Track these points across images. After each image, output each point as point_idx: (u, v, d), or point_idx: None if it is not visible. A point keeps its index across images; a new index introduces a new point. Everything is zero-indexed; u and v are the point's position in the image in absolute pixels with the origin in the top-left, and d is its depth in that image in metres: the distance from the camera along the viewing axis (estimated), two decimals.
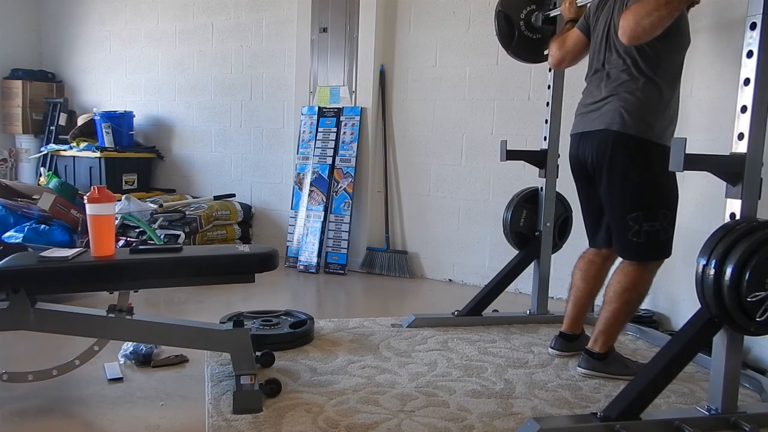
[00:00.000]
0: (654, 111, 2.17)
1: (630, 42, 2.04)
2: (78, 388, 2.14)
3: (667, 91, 2.19)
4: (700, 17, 2.88)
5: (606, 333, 2.34)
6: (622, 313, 2.31)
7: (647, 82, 2.17)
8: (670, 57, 2.19)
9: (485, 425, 1.91)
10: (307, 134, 4.37)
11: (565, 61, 2.55)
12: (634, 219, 2.21)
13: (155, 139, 5.28)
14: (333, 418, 1.93)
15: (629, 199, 2.22)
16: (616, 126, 2.19)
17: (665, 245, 2.26)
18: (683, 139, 1.73)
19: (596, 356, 2.35)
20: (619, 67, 2.22)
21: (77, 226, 3.97)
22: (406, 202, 4.24)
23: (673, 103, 2.23)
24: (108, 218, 2.06)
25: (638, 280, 2.27)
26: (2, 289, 1.96)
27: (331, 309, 3.58)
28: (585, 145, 2.33)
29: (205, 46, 4.93)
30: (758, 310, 1.72)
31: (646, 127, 2.17)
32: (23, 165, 5.85)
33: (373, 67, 4.14)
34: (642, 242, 2.22)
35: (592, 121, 2.29)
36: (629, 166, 2.21)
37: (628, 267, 2.29)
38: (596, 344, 2.36)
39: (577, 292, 2.58)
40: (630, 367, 2.35)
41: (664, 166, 2.19)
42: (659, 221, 2.21)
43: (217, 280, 2.22)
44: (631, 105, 2.17)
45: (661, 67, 2.17)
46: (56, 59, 5.90)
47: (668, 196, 2.25)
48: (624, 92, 2.19)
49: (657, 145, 2.18)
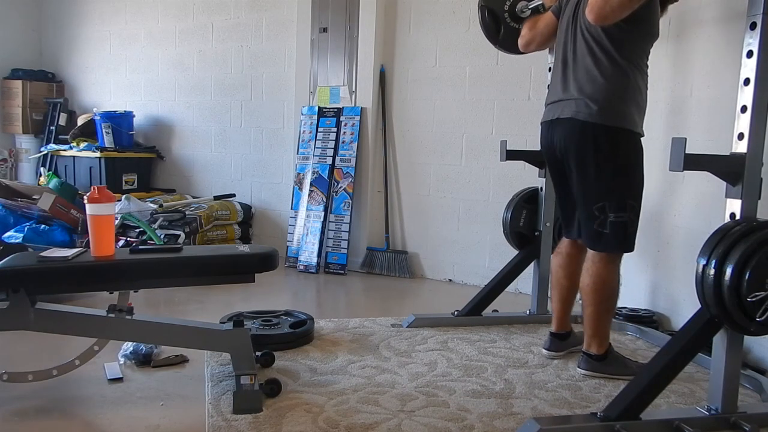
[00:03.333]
0: (621, 97, 2.15)
1: (596, 21, 2.02)
2: (78, 388, 2.14)
3: (635, 78, 2.17)
4: (700, 17, 2.88)
5: (596, 335, 2.33)
6: (602, 312, 2.29)
7: (615, 68, 2.14)
8: (638, 46, 2.18)
9: (485, 425, 1.91)
10: (307, 134, 4.37)
11: (533, 42, 2.53)
12: (600, 209, 2.19)
13: (155, 139, 5.28)
14: (333, 418, 1.93)
15: (596, 189, 2.20)
16: (582, 115, 2.17)
17: (630, 238, 2.24)
18: (683, 139, 1.73)
19: (595, 357, 2.35)
20: (585, 53, 2.19)
21: (77, 226, 3.97)
22: (406, 202, 4.24)
23: (642, 90, 2.20)
24: (108, 218, 2.06)
25: (605, 276, 2.25)
26: (2, 289, 1.95)
27: (331, 309, 3.58)
28: (554, 133, 2.31)
29: (205, 46, 4.93)
30: (758, 310, 1.72)
31: (613, 114, 2.15)
32: (23, 165, 5.85)
33: (373, 67, 4.14)
34: (607, 233, 2.20)
35: (561, 108, 2.26)
36: (597, 155, 2.18)
37: (591, 266, 2.28)
38: (591, 346, 2.35)
39: (562, 290, 2.55)
40: (630, 367, 2.34)
41: (633, 154, 2.21)
42: (627, 212, 2.19)
43: (217, 280, 2.22)
44: (597, 92, 2.15)
45: (628, 54, 2.15)
46: (56, 59, 5.90)
47: (636, 187, 2.23)
48: (590, 79, 2.17)
49: (626, 131, 2.16)
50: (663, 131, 3.09)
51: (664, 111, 3.10)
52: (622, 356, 2.40)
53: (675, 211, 3.00)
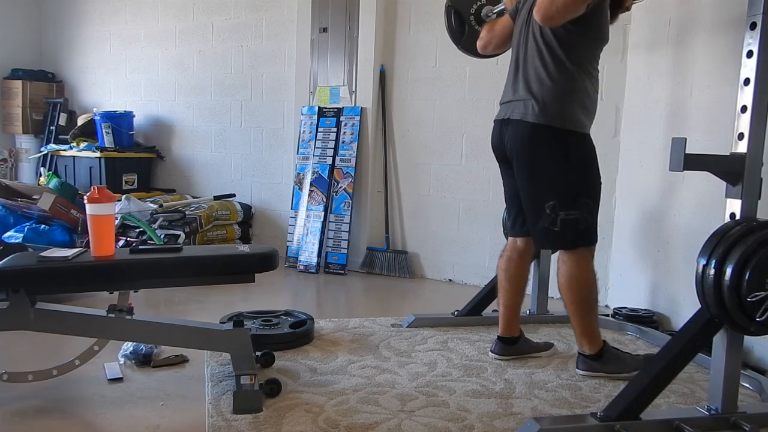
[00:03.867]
0: (568, 99, 2.17)
1: (544, 21, 2.04)
2: (78, 388, 2.14)
3: (583, 81, 2.19)
4: (700, 17, 2.88)
5: (584, 334, 2.31)
6: (583, 310, 2.28)
7: (562, 71, 2.16)
8: (587, 49, 2.20)
9: (485, 425, 1.91)
10: (307, 134, 4.37)
11: (490, 44, 2.55)
12: (551, 207, 2.19)
13: (155, 139, 5.28)
14: (333, 418, 1.93)
15: (545, 188, 2.21)
16: (530, 117, 2.19)
17: (586, 233, 2.24)
18: (683, 139, 1.73)
19: (590, 357, 2.33)
20: (535, 54, 2.21)
21: (77, 226, 3.97)
22: (406, 202, 4.24)
23: (591, 93, 2.22)
24: (108, 218, 2.06)
25: (577, 274, 2.25)
26: (2, 289, 1.95)
27: (331, 309, 3.58)
28: (504, 132, 2.32)
29: (205, 46, 4.93)
30: (758, 310, 1.72)
31: (561, 116, 2.16)
32: (23, 165, 5.85)
33: (373, 67, 4.14)
34: (558, 231, 2.20)
35: (511, 109, 2.28)
36: (546, 155, 2.20)
37: (562, 265, 2.28)
38: (584, 346, 2.34)
39: (504, 294, 2.54)
40: (628, 363, 2.33)
41: (583, 152, 2.23)
42: (578, 210, 2.19)
43: (217, 280, 2.22)
44: (544, 94, 2.17)
45: (576, 57, 2.17)
46: (56, 59, 5.90)
47: (589, 186, 2.24)
48: (538, 80, 2.19)
49: (575, 133, 2.18)
50: (663, 131, 3.09)
51: (664, 111, 3.10)
52: (618, 352, 2.38)
53: (675, 211, 3.00)
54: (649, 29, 3.26)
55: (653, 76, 3.21)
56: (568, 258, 2.26)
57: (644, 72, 3.29)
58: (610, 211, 3.54)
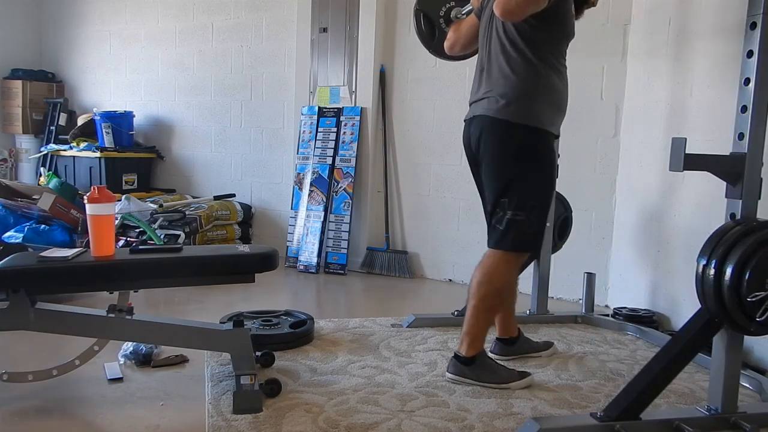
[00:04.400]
0: (532, 95, 2.13)
1: (503, 16, 2.01)
2: (78, 388, 2.14)
3: (549, 77, 2.15)
4: (700, 17, 2.88)
5: (469, 335, 2.22)
6: (480, 311, 2.20)
7: (526, 66, 2.13)
8: (552, 45, 2.16)
9: (485, 425, 1.91)
10: (307, 134, 4.37)
11: (457, 44, 2.51)
12: (501, 205, 2.15)
13: (155, 139, 5.28)
14: (333, 418, 1.93)
15: (500, 185, 2.16)
16: (492, 112, 2.16)
17: (528, 239, 2.17)
18: (683, 139, 1.73)
19: (462, 360, 2.23)
20: (499, 51, 2.18)
21: (77, 226, 3.97)
22: (406, 202, 4.24)
23: (557, 89, 2.18)
24: (108, 218, 2.06)
25: (493, 271, 2.18)
26: (2, 289, 1.95)
27: (331, 309, 3.58)
28: (469, 131, 2.30)
29: (205, 46, 4.93)
30: (758, 310, 1.72)
31: (522, 112, 2.12)
32: (23, 165, 5.84)
33: (373, 67, 4.14)
34: (501, 229, 2.14)
35: (476, 107, 2.26)
36: (503, 151, 2.16)
37: (485, 260, 2.21)
38: (461, 347, 2.25)
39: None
40: (499, 374, 2.21)
41: (540, 154, 2.17)
42: (525, 212, 2.12)
43: (217, 280, 2.22)
44: (508, 89, 2.14)
45: (541, 53, 2.13)
46: (56, 59, 5.90)
47: (539, 189, 2.17)
48: (503, 76, 2.16)
49: (537, 129, 2.14)
50: (663, 131, 3.09)
51: (664, 111, 3.10)
52: (495, 363, 2.27)
53: (675, 211, 3.01)
54: (649, 29, 3.26)
55: (653, 76, 3.21)
56: (493, 255, 2.19)
57: (644, 72, 3.29)
58: (610, 211, 3.54)
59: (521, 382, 2.20)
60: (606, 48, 3.46)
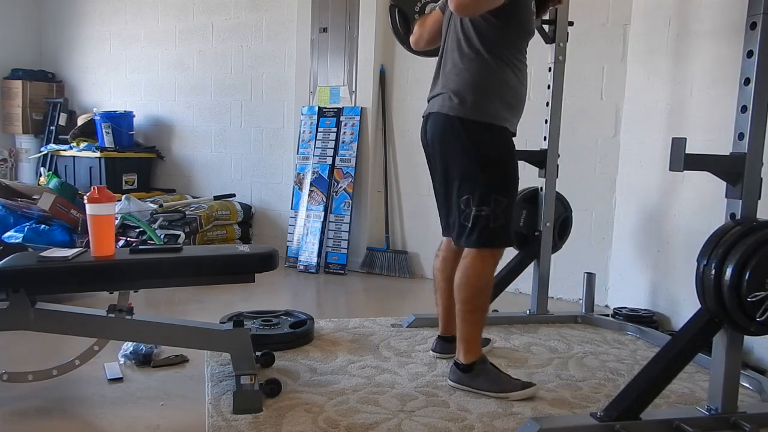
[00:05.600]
0: (485, 92, 2.11)
1: (457, 11, 1.98)
2: (78, 388, 2.15)
3: (504, 74, 2.12)
4: (700, 17, 2.88)
5: (463, 341, 2.19)
6: (467, 312, 2.17)
7: (481, 61, 2.11)
8: (509, 41, 2.13)
9: (485, 425, 1.91)
10: (307, 134, 4.37)
11: (422, 39, 2.47)
12: (465, 202, 2.14)
13: (155, 139, 5.28)
14: (333, 418, 1.93)
15: (460, 182, 2.15)
16: (445, 109, 2.15)
17: (496, 233, 2.14)
18: (683, 139, 1.73)
19: (461, 367, 2.19)
20: (455, 47, 2.17)
21: (77, 226, 3.97)
22: (406, 202, 4.24)
23: (512, 86, 2.15)
24: (108, 218, 2.06)
25: (470, 271, 2.15)
26: (2, 289, 1.95)
27: (331, 309, 3.58)
28: (425, 128, 2.29)
29: (205, 46, 4.93)
30: (758, 310, 1.72)
31: (475, 109, 2.10)
32: (23, 165, 5.85)
33: (373, 67, 4.14)
34: (469, 226, 2.13)
35: (432, 103, 2.25)
36: (460, 148, 2.14)
37: (462, 261, 2.19)
38: (459, 354, 2.21)
39: (442, 293, 2.46)
40: (501, 383, 2.15)
41: (498, 148, 2.15)
42: (489, 206, 2.11)
43: (217, 280, 2.21)
44: (462, 85, 2.12)
45: (497, 49, 2.10)
46: (56, 59, 5.90)
47: (503, 181, 2.15)
48: (456, 73, 2.15)
49: (491, 126, 2.12)
50: (663, 131, 3.10)
51: (664, 111, 3.10)
52: (495, 371, 2.19)
53: (675, 211, 3.01)
54: (649, 29, 3.26)
55: (653, 76, 3.21)
56: (469, 254, 2.18)
57: (644, 72, 3.29)
58: (610, 211, 3.54)
59: (523, 392, 2.14)
60: (606, 48, 3.46)
